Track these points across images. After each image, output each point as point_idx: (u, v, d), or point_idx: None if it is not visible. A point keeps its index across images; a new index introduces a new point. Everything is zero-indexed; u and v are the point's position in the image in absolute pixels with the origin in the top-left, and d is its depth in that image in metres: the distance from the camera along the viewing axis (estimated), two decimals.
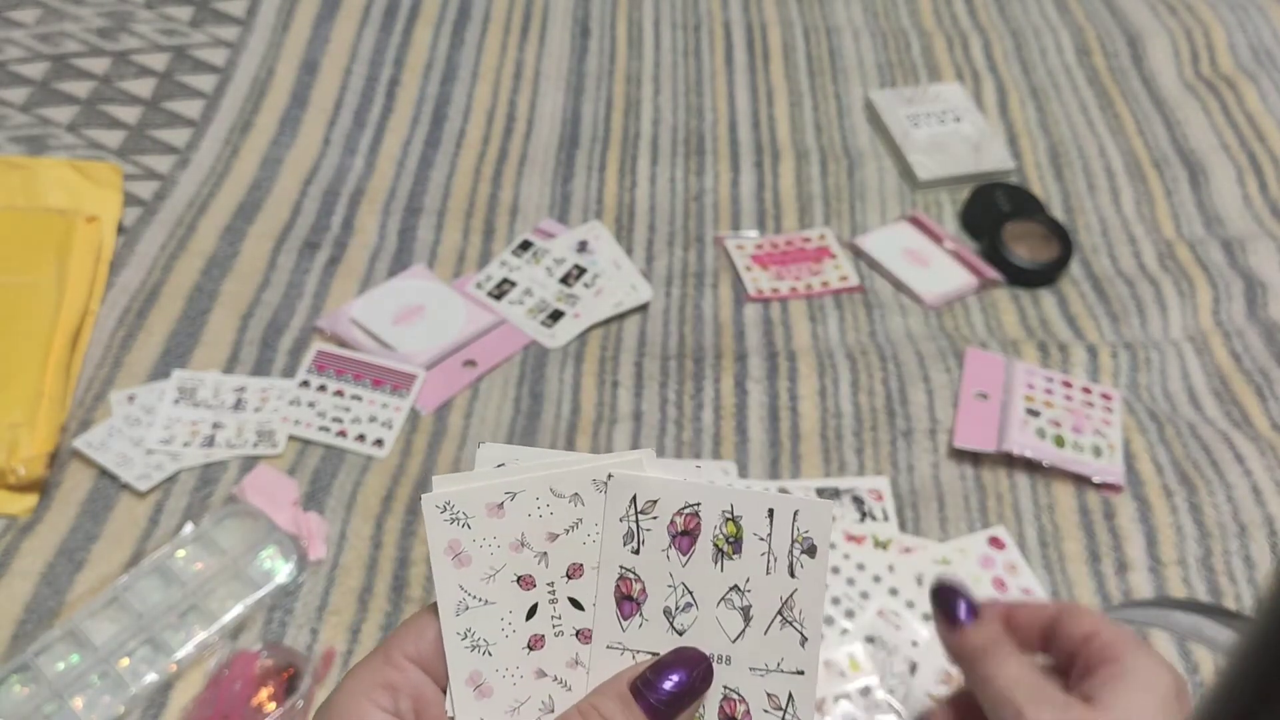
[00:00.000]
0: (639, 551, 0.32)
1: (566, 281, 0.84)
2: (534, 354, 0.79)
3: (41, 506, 0.68)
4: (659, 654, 0.32)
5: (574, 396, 0.76)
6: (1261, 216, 0.91)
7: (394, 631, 0.33)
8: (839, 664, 0.61)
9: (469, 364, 0.78)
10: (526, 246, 0.87)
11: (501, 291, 0.83)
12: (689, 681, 0.31)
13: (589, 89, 1.03)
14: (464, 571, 0.32)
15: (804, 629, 0.32)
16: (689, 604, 0.32)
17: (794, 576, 0.32)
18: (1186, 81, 1.05)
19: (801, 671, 0.32)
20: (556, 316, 0.82)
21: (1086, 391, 0.75)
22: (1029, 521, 0.69)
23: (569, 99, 1.02)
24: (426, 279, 0.84)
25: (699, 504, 0.32)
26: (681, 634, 0.32)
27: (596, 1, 1.13)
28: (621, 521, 0.32)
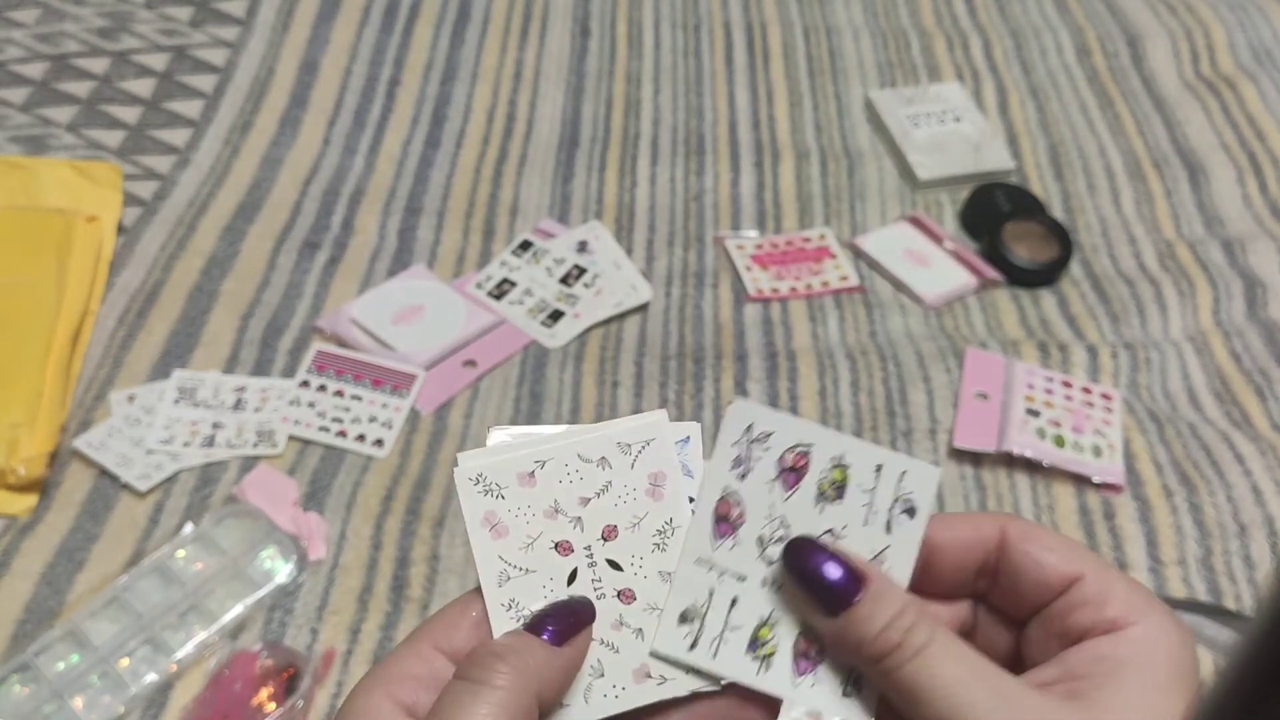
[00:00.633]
0: (745, 478, 0.33)
1: (566, 281, 0.84)
2: (534, 354, 0.79)
3: (41, 506, 0.68)
4: (745, 576, 0.32)
5: (574, 396, 0.76)
6: (1261, 216, 0.91)
7: (425, 622, 0.32)
8: None
9: (469, 364, 0.78)
10: (526, 246, 0.87)
11: (501, 291, 0.83)
12: (570, 611, 0.31)
13: (589, 89, 1.03)
14: (502, 542, 0.32)
15: None
16: (783, 537, 0.33)
17: (889, 533, 0.32)
18: (1186, 81, 1.05)
19: None
20: (556, 316, 0.82)
21: (1086, 391, 0.75)
22: None
23: (569, 99, 1.02)
24: (426, 279, 0.84)
25: (811, 445, 0.33)
26: (770, 564, 0.33)
27: (596, 1, 1.13)
28: (734, 447, 0.33)
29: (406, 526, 0.68)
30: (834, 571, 0.30)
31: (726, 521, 0.33)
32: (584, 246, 0.87)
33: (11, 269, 0.78)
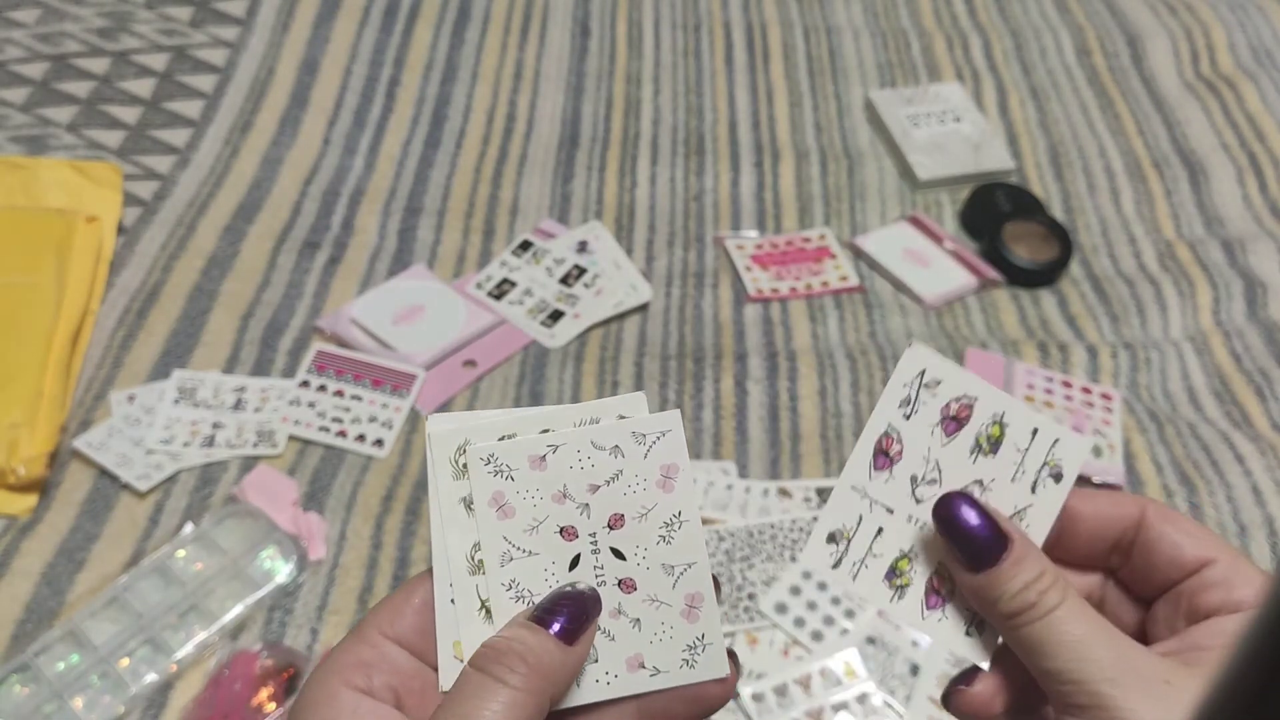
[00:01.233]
0: (909, 419, 0.34)
1: (566, 281, 0.84)
2: (534, 354, 0.79)
3: (41, 506, 0.68)
4: (893, 509, 0.34)
5: (574, 396, 0.76)
6: (1261, 216, 0.91)
7: (370, 611, 0.33)
8: (835, 672, 0.60)
9: (469, 364, 0.78)
10: (526, 246, 0.87)
11: (501, 291, 0.83)
12: (579, 606, 0.32)
13: (589, 89, 1.03)
14: (508, 523, 0.33)
15: None
16: (934, 480, 0.34)
17: (1033, 493, 0.34)
18: (1186, 81, 1.05)
19: None
20: (556, 316, 0.82)
21: (1086, 391, 0.75)
22: None
23: (569, 99, 1.02)
24: (426, 279, 0.84)
25: (976, 399, 0.34)
26: (920, 503, 0.34)
27: (596, 1, 1.13)
28: (904, 388, 0.34)
29: (406, 526, 0.68)
30: (983, 530, 0.32)
31: (885, 456, 0.34)
32: (584, 246, 0.87)
33: (11, 269, 0.78)
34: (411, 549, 0.66)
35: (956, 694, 0.33)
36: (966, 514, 0.32)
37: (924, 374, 0.34)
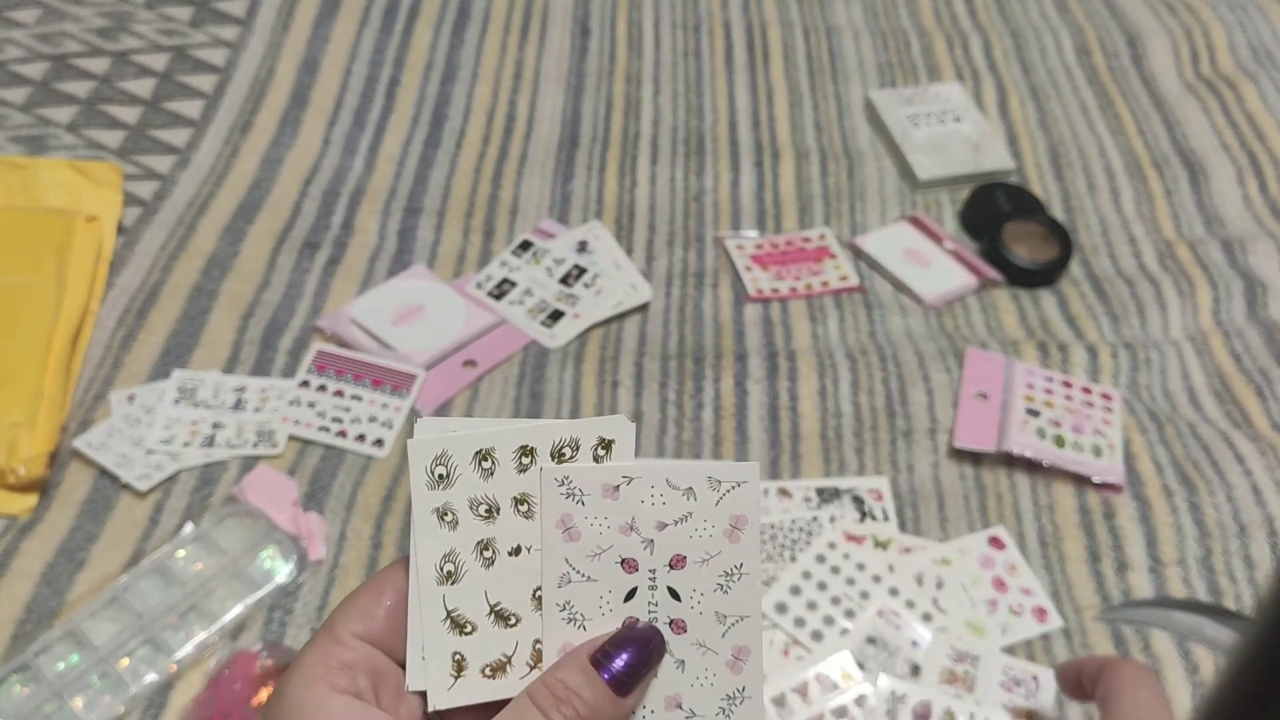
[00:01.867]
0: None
1: (566, 281, 0.84)
2: (534, 354, 0.79)
3: (41, 506, 0.68)
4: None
5: (574, 397, 0.76)
6: (1261, 216, 0.91)
7: (335, 612, 0.33)
8: (831, 677, 0.60)
9: (469, 364, 0.78)
10: (526, 246, 0.87)
11: (501, 291, 0.83)
12: (644, 656, 0.32)
13: (589, 89, 1.03)
14: (572, 546, 0.33)
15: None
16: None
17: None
18: (1186, 81, 1.05)
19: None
20: (556, 316, 0.82)
21: (1086, 391, 0.75)
22: (1029, 521, 0.69)
23: (569, 99, 1.02)
24: (426, 279, 0.84)
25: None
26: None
27: (596, 1, 1.13)
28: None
29: (406, 527, 0.68)
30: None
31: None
32: (584, 246, 0.87)
33: (11, 269, 0.78)
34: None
35: None
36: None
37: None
